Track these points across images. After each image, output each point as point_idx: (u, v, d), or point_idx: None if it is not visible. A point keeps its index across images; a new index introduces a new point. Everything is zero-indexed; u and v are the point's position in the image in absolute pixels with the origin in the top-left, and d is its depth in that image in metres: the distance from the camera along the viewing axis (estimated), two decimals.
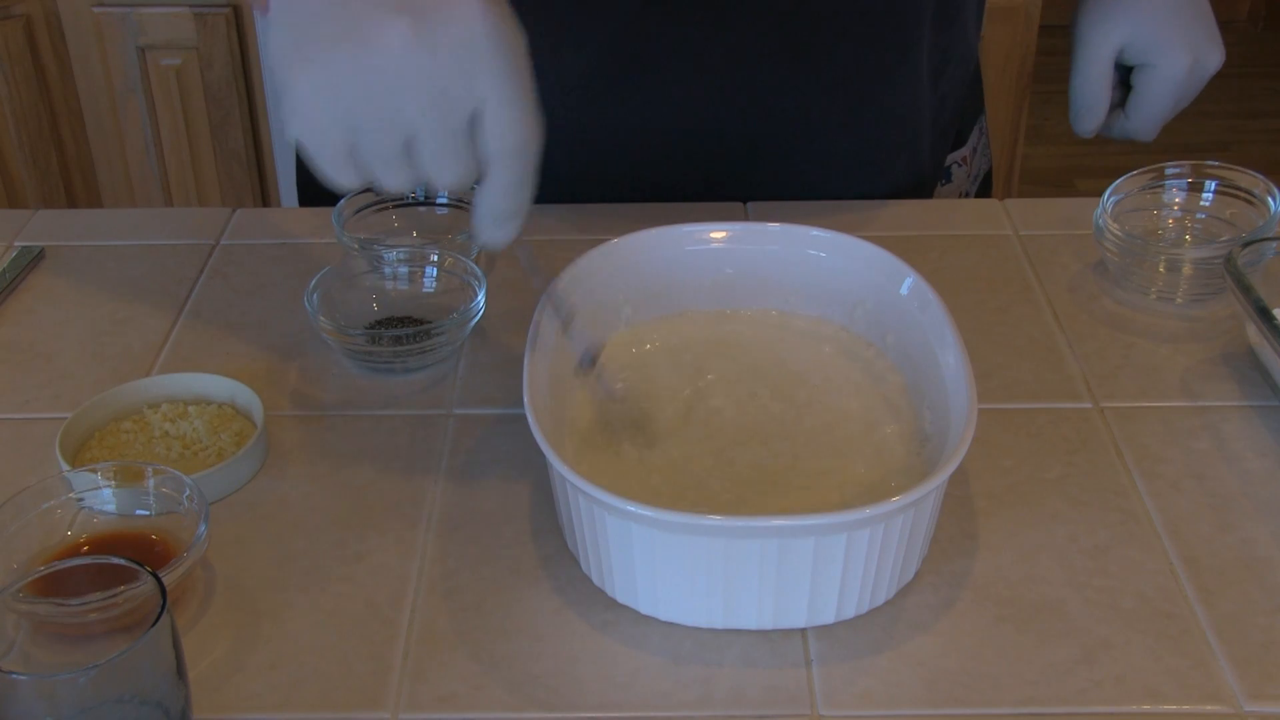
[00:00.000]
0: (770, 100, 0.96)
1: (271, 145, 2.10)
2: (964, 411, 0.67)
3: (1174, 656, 0.65)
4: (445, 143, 0.63)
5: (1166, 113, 1.00)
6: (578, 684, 0.64)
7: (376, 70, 0.62)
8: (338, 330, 0.83)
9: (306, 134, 0.64)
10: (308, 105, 0.64)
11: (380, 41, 0.62)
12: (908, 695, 0.63)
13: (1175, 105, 1.00)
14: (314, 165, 0.66)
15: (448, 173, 0.64)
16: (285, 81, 0.64)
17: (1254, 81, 3.41)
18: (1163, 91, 0.99)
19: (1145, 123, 1.01)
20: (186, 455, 0.77)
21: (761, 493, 0.70)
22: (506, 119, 0.63)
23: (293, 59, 0.64)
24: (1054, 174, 3.03)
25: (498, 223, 0.67)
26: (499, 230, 0.68)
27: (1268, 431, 0.79)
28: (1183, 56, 0.97)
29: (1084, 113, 1.01)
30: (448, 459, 0.78)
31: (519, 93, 0.63)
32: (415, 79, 0.62)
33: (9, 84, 2.02)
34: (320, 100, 0.63)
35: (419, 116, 0.62)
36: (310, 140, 0.64)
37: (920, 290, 0.77)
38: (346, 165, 0.65)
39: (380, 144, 0.63)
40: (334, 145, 0.64)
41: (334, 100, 0.63)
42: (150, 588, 0.57)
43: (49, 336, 0.88)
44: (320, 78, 0.63)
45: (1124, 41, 0.98)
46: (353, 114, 0.63)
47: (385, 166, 0.64)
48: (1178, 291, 0.90)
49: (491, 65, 0.62)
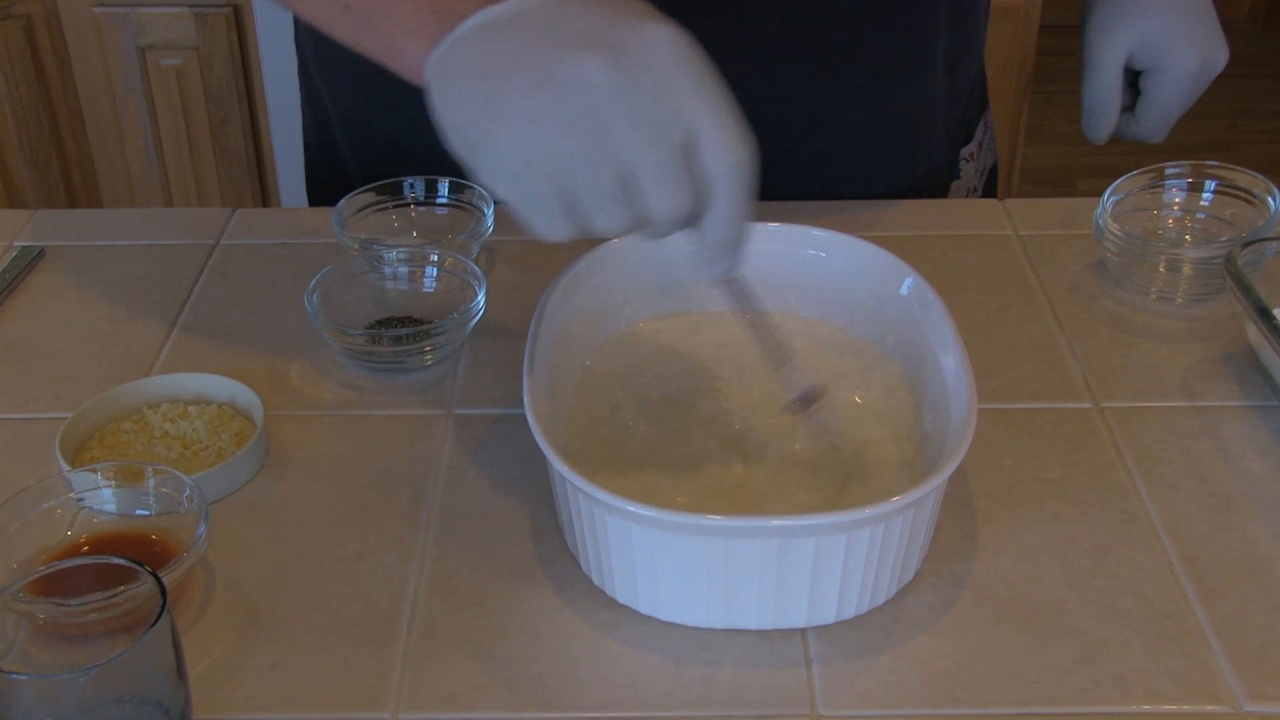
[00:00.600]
0: (789, 100, 0.96)
1: (271, 145, 2.10)
2: (964, 411, 0.67)
3: (1174, 656, 0.65)
4: (665, 171, 0.61)
5: (1176, 114, 1.01)
6: (578, 684, 0.64)
7: (584, 112, 0.60)
8: (338, 330, 0.83)
9: (516, 191, 0.63)
10: (514, 161, 0.62)
11: (582, 82, 0.60)
12: (908, 695, 0.63)
13: (1184, 106, 1.00)
14: (525, 221, 0.64)
15: (671, 203, 0.62)
16: (481, 141, 0.62)
17: (1254, 81, 3.41)
18: (1173, 94, 0.99)
19: (1155, 125, 1.01)
20: (186, 455, 0.77)
21: (761, 492, 0.70)
22: (722, 139, 0.61)
23: (486, 115, 0.62)
24: (1054, 174, 3.03)
25: (726, 251, 0.65)
26: (729, 259, 0.65)
27: (1268, 431, 0.79)
28: (1191, 59, 0.97)
29: (1096, 119, 1.01)
30: (448, 459, 0.78)
31: (728, 109, 0.62)
32: (625, 114, 0.60)
33: (9, 84, 2.03)
34: (528, 153, 0.61)
35: (635, 151, 0.60)
36: (522, 197, 0.63)
37: (920, 290, 0.77)
38: (562, 215, 0.63)
39: (597, 187, 0.61)
40: (547, 197, 0.62)
41: (543, 151, 0.61)
42: (150, 588, 0.57)
43: (49, 336, 0.88)
44: (524, 131, 0.61)
45: (1133, 46, 0.98)
46: (564, 161, 0.61)
47: (603, 210, 0.62)
48: (1178, 291, 0.90)
49: (698, 88, 0.61)
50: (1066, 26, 1.03)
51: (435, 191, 0.96)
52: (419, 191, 0.96)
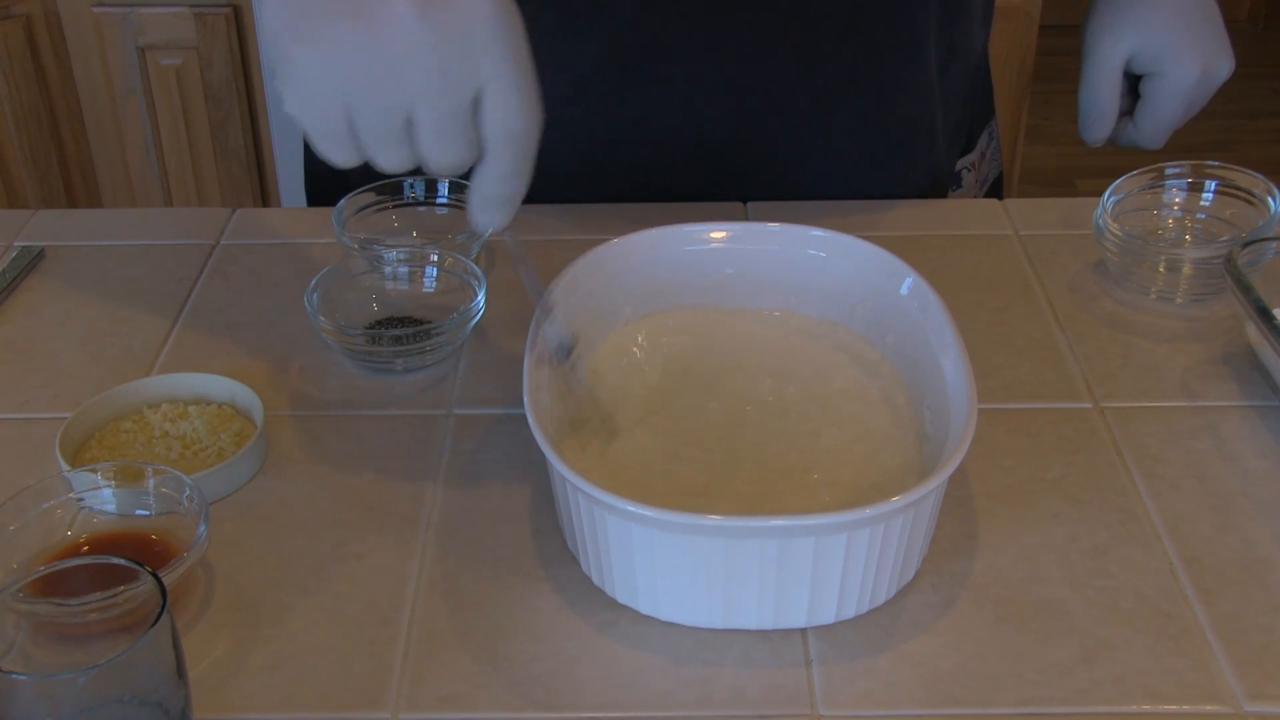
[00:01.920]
0: (776, 99, 0.96)
1: (271, 145, 2.10)
2: (964, 411, 0.67)
3: (1174, 656, 0.65)
4: (445, 123, 0.63)
5: (1175, 121, 1.00)
6: (578, 684, 0.64)
7: (377, 47, 0.61)
8: (338, 330, 0.83)
9: (304, 110, 0.64)
10: (306, 81, 0.63)
11: (383, 19, 0.61)
12: (908, 695, 0.63)
13: (1184, 114, 1.00)
14: (311, 141, 0.65)
15: (446, 154, 0.64)
16: (282, 56, 0.63)
17: (1254, 81, 3.41)
18: (1172, 101, 0.98)
19: (1153, 131, 1.01)
20: (186, 455, 0.77)
21: (761, 492, 0.70)
22: (507, 103, 0.63)
23: (290, 33, 0.63)
24: (1054, 174, 3.03)
25: (490, 207, 0.67)
26: (491, 214, 0.68)
27: (1268, 431, 0.79)
28: (1192, 66, 0.97)
29: (1093, 121, 1.01)
30: (448, 459, 0.78)
31: (521, 77, 0.63)
32: (417, 58, 0.61)
33: (9, 84, 2.02)
34: (319, 76, 0.62)
35: (419, 96, 0.62)
36: (307, 116, 0.64)
37: (920, 290, 0.77)
38: (344, 143, 0.64)
39: (379, 122, 0.63)
40: (332, 122, 0.63)
41: (333, 77, 0.62)
42: (150, 588, 0.57)
43: (49, 336, 0.88)
44: (319, 53, 0.62)
45: (1133, 50, 0.98)
46: (352, 91, 0.62)
47: (383, 145, 0.64)
48: (1178, 291, 0.90)
49: (494, 48, 0.62)
50: (1066, 26, 1.03)
51: (435, 191, 0.96)
52: (419, 191, 0.96)
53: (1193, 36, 0.97)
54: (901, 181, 1.02)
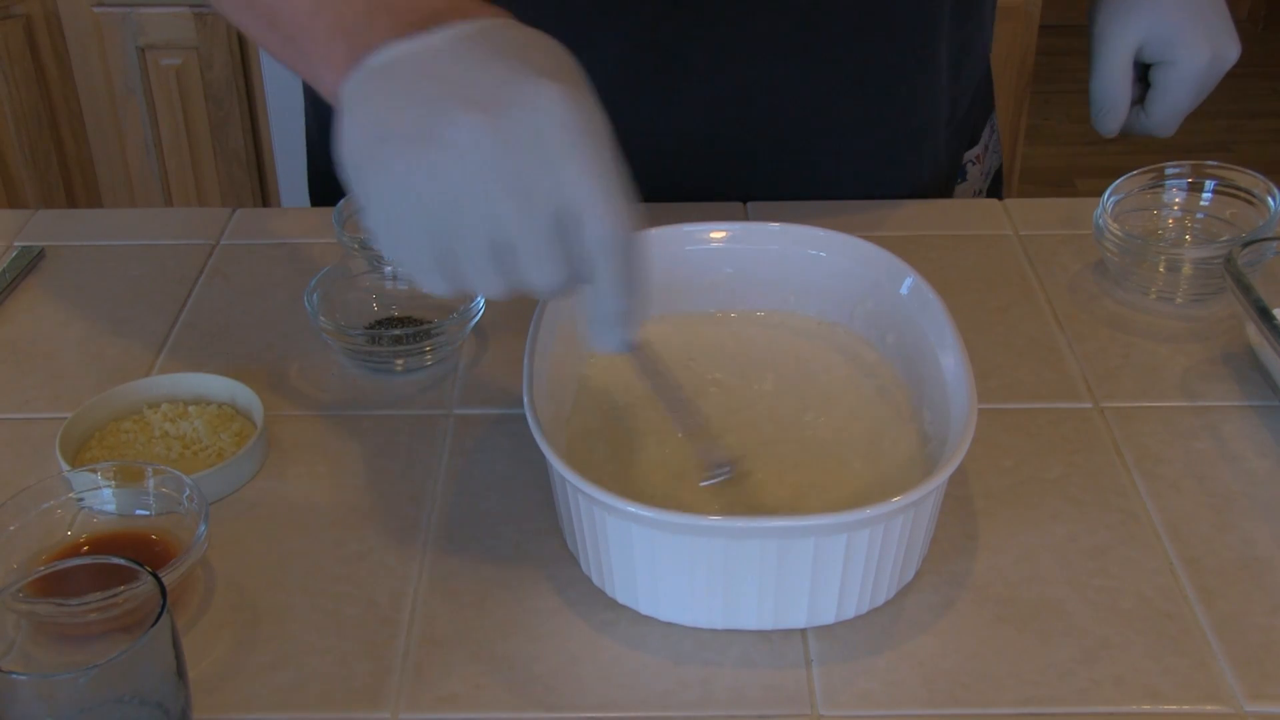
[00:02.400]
0: (787, 101, 0.96)
1: (271, 145, 2.10)
2: (964, 411, 0.67)
3: (1174, 656, 0.65)
4: (538, 244, 0.57)
5: (1186, 108, 1.00)
6: (578, 684, 0.64)
7: (453, 173, 0.57)
8: (338, 330, 0.83)
9: (391, 244, 0.60)
10: (389, 214, 0.59)
11: (453, 141, 0.57)
12: (908, 695, 0.63)
13: (1195, 99, 1.00)
14: (406, 272, 0.61)
15: (545, 276, 0.59)
16: (365, 189, 0.60)
17: (1254, 81, 3.41)
18: (1183, 87, 0.98)
19: (1165, 119, 1.00)
20: (186, 455, 0.77)
21: (761, 493, 0.70)
22: (600, 213, 0.57)
23: (367, 161, 0.59)
24: (1054, 174, 3.03)
25: (608, 329, 0.61)
26: (610, 338, 0.62)
27: (1268, 431, 0.79)
28: (1202, 51, 0.97)
29: (1105, 112, 1.00)
30: (448, 459, 0.77)
31: (609, 183, 0.57)
32: (494, 179, 0.56)
33: (9, 84, 2.02)
34: (401, 208, 0.58)
35: (508, 222, 0.57)
36: (396, 251, 0.60)
37: (920, 290, 0.77)
38: (438, 274, 0.60)
39: (470, 252, 0.58)
40: (421, 253, 0.59)
41: (415, 207, 0.58)
42: (150, 588, 0.57)
43: (49, 336, 0.88)
44: (398, 183, 0.58)
45: (1143, 38, 0.98)
46: (436, 220, 0.58)
47: (479, 274, 0.59)
48: (1178, 291, 0.90)
49: (580, 158, 0.57)
50: (1066, 26, 1.03)
51: None
52: None
53: (1200, 22, 0.98)
54: (906, 181, 1.02)
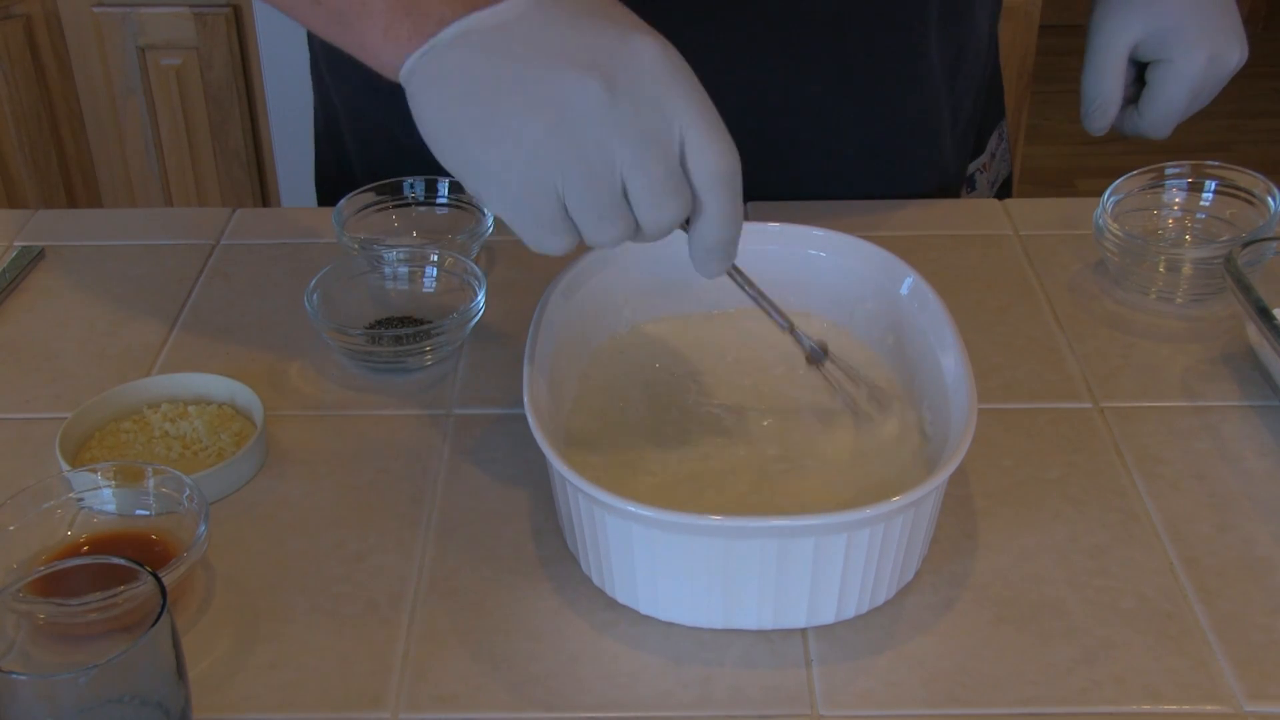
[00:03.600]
0: (778, 99, 0.96)
1: (271, 145, 2.10)
2: (964, 411, 0.67)
3: (1174, 656, 0.65)
4: (660, 184, 0.62)
5: (1182, 111, 0.97)
6: (578, 684, 0.64)
7: (582, 131, 0.61)
8: (338, 330, 0.83)
9: (513, 209, 0.64)
10: (510, 180, 0.63)
11: (578, 103, 0.61)
12: (908, 695, 0.63)
13: (1191, 103, 0.97)
14: (522, 234, 0.65)
15: (665, 213, 0.63)
16: (474, 162, 0.63)
17: (1254, 81, 3.40)
18: (1178, 89, 0.96)
19: (1159, 120, 0.98)
20: (186, 455, 0.77)
21: (761, 492, 0.70)
22: (711, 146, 0.63)
23: (478, 140, 0.63)
24: (1054, 174, 3.03)
25: (714, 256, 0.66)
26: (715, 263, 0.67)
27: (1268, 431, 0.79)
28: (1200, 52, 0.95)
29: (1096, 109, 0.98)
30: (448, 459, 0.77)
31: (713, 117, 0.63)
32: (618, 129, 0.61)
33: (9, 84, 2.02)
34: (524, 173, 0.62)
35: (630, 165, 0.62)
36: (518, 214, 0.64)
37: (920, 290, 0.77)
38: (560, 232, 0.64)
39: (595, 200, 0.63)
40: (545, 212, 0.63)
41: (540, 170, 0.62)
42: (150, 588, 0.57)
43: (49, 336, 0.88)
44: (520, 151, 0.62)
45: (1140, 36, 0.96)
46: (563, 178, 0.62)
47: (602, 223, 0.64)
48: (1178, 291, 0.90)
49: (685, 99, 0.62)
50: (1066, 26, 1.03)
51: (435, 191, 0.96)
52: (419, 191, 0.96)
53: (1202, 22, 0.95)
54: (905, 184, 1.02)
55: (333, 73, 1.03)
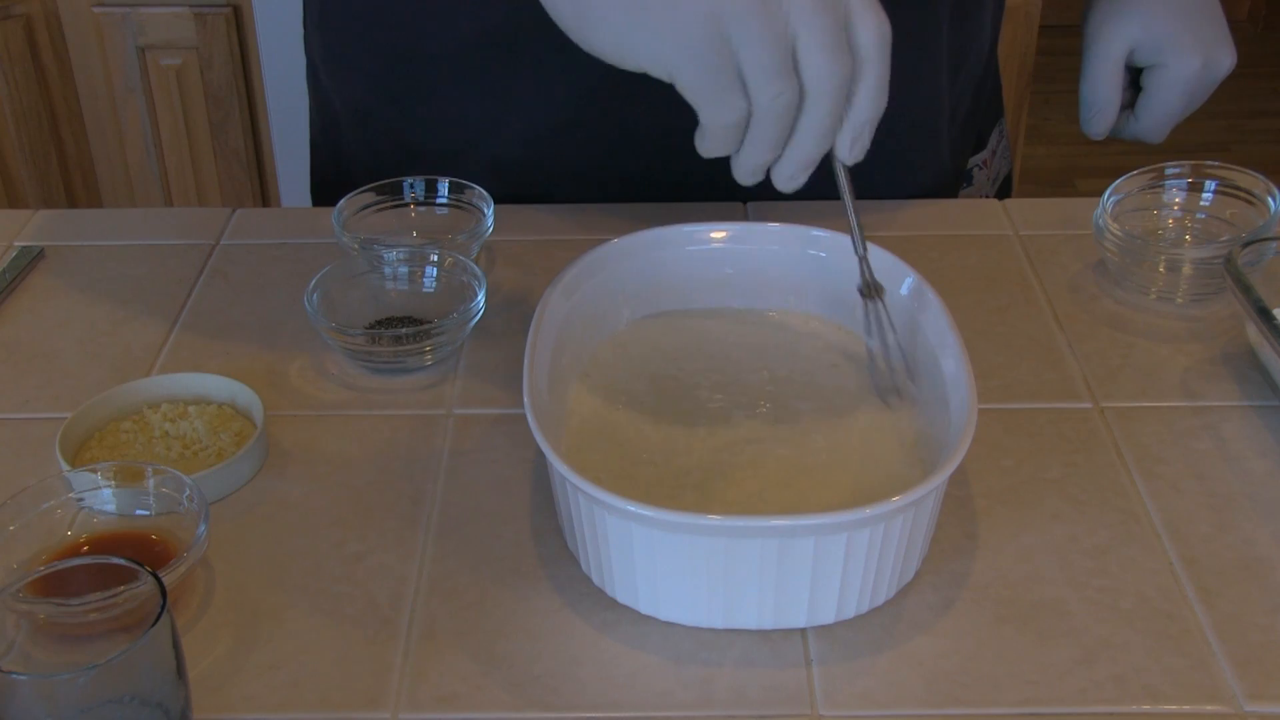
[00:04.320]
0: None
1: (271, 145, 2.10)
2: (964, 411, 0.67)
3: (1174, 656, 0.65)
4: (830, 36, 0.65)
5: (1177, 114, 0.99)
6: (578, 684, 0.64)
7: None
8: (338, 330, 0.83)
9: (688, 66, 0.66)
10: (686, 36, 0.65)
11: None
12: (908, 695, 0.63)
13: (1186, 107, 0.99)
14: (696, 96, 0.67)
15: (836, 68, 0.66)
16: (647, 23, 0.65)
17: (1254, 81, 3.41)
18: (1173, 92, 0.98)
19: (1155, 124, 1.00)
20: (186, 455, 0.77)
21: (761, 492, 0.70)
22: (873, 16, 0.67)
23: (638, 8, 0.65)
24: (1054, 174, 3.03)
25: (863, 133, 0.69)
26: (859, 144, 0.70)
27: (1268, 431, 0.79)
28: (1194, 57, 0.96)
29: (1094, 114, 1.00)
30: (448, 459, 0.78)
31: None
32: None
33: (9, 84, 2.03)
34: (701, 28, 0.64)
35: (800, 20, 0.64)
36: (695, 72, 0.66)
37: (920, 290, 0.77)
38: (733, 87, 0.66)
39: (768, 57, 0.65)
40: (720, 68, 0.65)
41: (716, 24, 0.64)
42: (150, 588, 0.57)
43: (49, 336, 0.88)
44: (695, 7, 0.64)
45: (1135, 42, 0.97)
46: (739, 33, 0.64)
47: (769, 76, 0.65)
48: (1178, 291, 0.90)
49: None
50: (1067, 26, 1.03)
51: (435, 191, 0.96)
52: (419, 191, 0.96)
53: (1194, 28, 0.97)
54: (904, 183, 1.02)
55: (336, 76, 1.03)
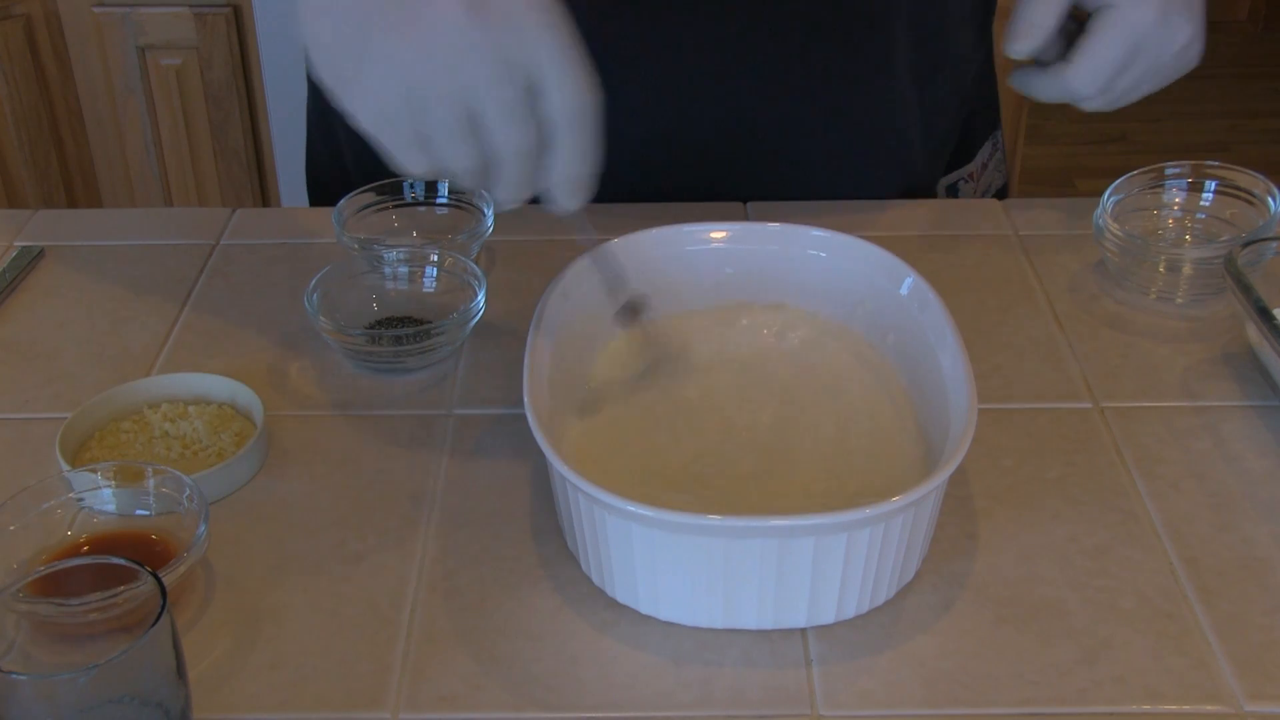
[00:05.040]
0: (748, 103, 0.96)
1: (271, 145, 2.10)
2: (964, 411, 0.67)
3: (1174, 656, 0.65)
4: (509, 107, 0.65)
5: (1114, 64, 0.85)
6: (578, 684, 0.64)
7: (438, 48, 0.65)
8: (338, 330, 0.83)
9: (377, 122, 0.67)
10: (376, 94, 0.66)
11: (439, 21, 0.64)
12: (908, 695, 0.63)
13: (1126, 62, 0.85)
14: (386, 153, 0.68)
15: (513, 138, 0.66)
16: (347, 79, 0.67)
17: (1254, 81, 3.41)
18: (1117, 36, 0.84)
19: (1088, 71, 0.86)
20: (186, 455, 0.77)
21: (761, 492, 0.70)
22: (566, 84, 0.66)
23: (351, 56, 0.66)
24: (1054, 174, 3.03)
25: (570, 190, 0.69)
26: (571, 198, 0.70)
27: (1268, 431, 0.79)
28: (1149, 7, 0.84)
29: (1023, 30, 0.86)
30: (448, 459, 0.78)
31: (574, 58, 0.66)
32: (475, 51, 0.64)
33: (9, 84, 2.03)
34: (388, 87, 0.66)
35: (482, 86, 0.65)
36: (381, 128, 0.67)
37: (920, 290, 0.77)
38: (415, 148, 0.67)
39: (446, 120, 0.66)
40: (403, 129, 0.67)
41: (401, 85, 0.65)
42: (150, 588, 0.57)
43: (49, 336, 0.88)
44: (385, 66, 0.65)
45: None
46: (419, 95, 0.65)
47: (452, 141, 0.66)
48: (1178, 291, 0.90)
49: (545, 34, 0.65)
50: None
51: (435, 191, 0.96)
52: (419, 191, 0.96)
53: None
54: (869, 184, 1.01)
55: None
